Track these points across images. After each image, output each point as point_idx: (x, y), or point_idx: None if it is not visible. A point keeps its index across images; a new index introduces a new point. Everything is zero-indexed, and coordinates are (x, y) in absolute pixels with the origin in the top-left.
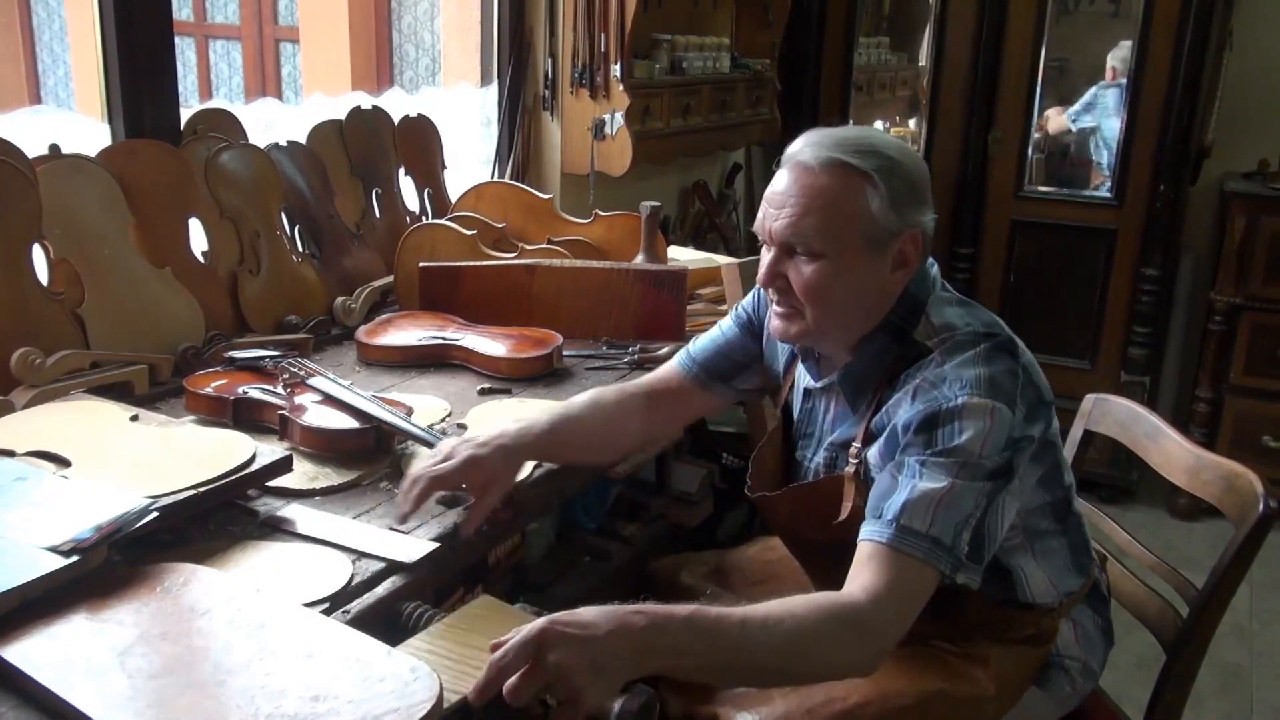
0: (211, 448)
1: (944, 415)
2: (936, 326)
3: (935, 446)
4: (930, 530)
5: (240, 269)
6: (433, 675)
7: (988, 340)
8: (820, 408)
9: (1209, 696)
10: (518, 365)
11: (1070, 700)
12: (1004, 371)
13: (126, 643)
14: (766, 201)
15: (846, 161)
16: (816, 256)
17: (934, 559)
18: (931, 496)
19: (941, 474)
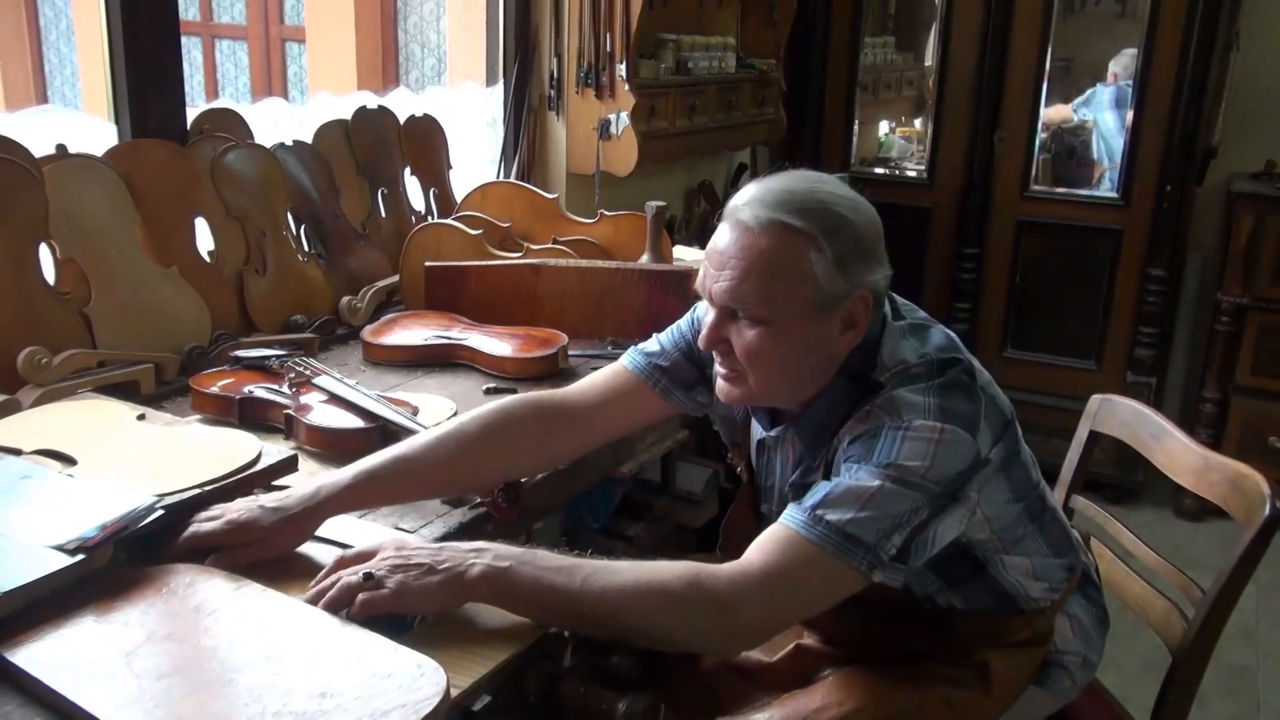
0: (217, 447)
1: (886, 431)
2: (891, 363)
3: (871, 459)
4: (847, 526)
5: (246, 269)
6: (439, 670)
7: (941, 372)
8: (776, 459)
9: (1214, 698)
10: (523, 365)
11: (1070, 694)
12: (960, 398)
13: (134, 644)
14: (707, 259)
15: (787, 223)
16: (758, 321)
17: (844, 554)
18: (857, 493)
19: (875, 479)
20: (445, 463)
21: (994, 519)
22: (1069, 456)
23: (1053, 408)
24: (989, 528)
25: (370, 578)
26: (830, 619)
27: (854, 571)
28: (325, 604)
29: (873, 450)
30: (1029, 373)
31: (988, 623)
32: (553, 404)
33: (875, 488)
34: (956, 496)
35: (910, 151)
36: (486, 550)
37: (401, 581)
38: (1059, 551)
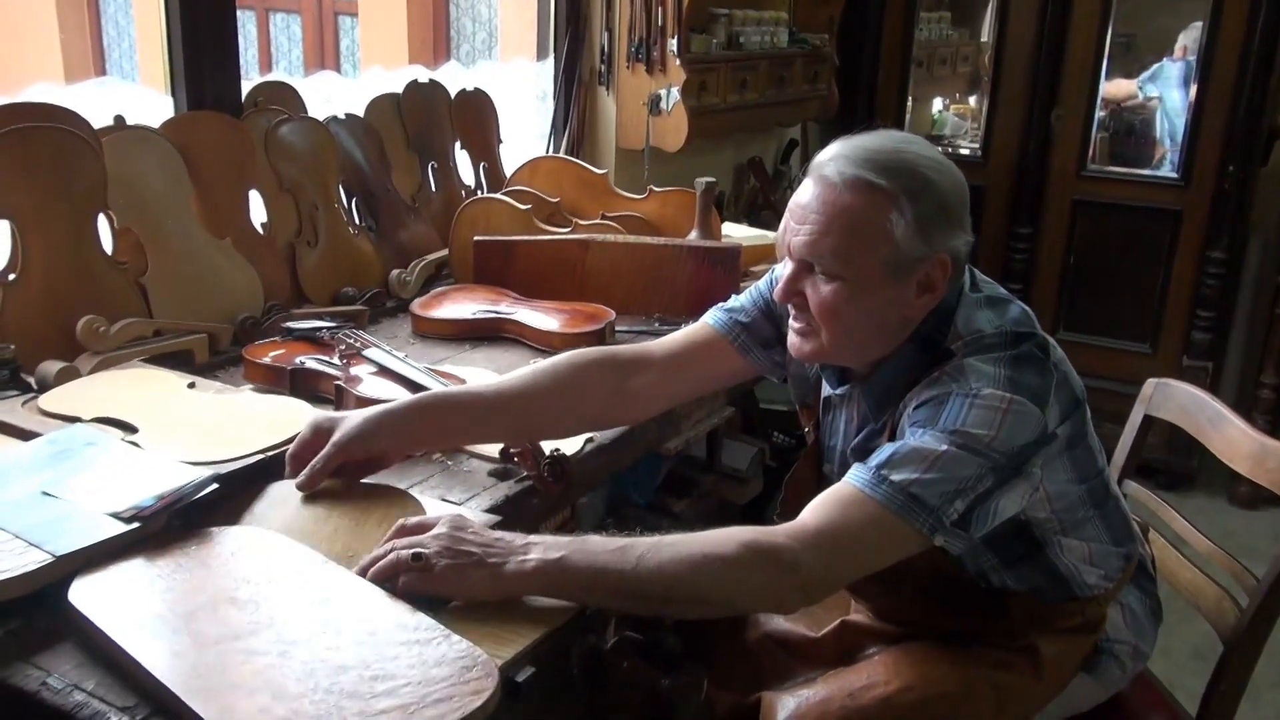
0: (272, 414)
1: (954, 398)
2: (964, 332)
3: (938, 424)
4: (911, 486)
5: (298, 241)
6: (490, 663)
7: (1015, 344)
8: (841, 418)
9: (1266, 689)
10: (570, 340)
11: (1119, 683)
12: (1031, 372)
13: (196, 605)
14: (789, 213)
15: (872, 181)
16: (834, 278)
17: (906, 514)
18: (923, 454)
19: (941, 443)
20: (511, 403)
21: (1055, 498)
22: (1122, 440)
23: (1106, 391)
24: (1050, 507)
25: (419, 559)
26: (880, 593)
27: (915, 532)
28: (373, 574)
29: (939, 415)
30: (1082, 355)
31: (1039, 607)
32: (628, 355)
33: (941, 451)
34: (1020, 470)
35: (964, 129)
36: (537, 544)
37: (449, 567)
38: (1118, 540)
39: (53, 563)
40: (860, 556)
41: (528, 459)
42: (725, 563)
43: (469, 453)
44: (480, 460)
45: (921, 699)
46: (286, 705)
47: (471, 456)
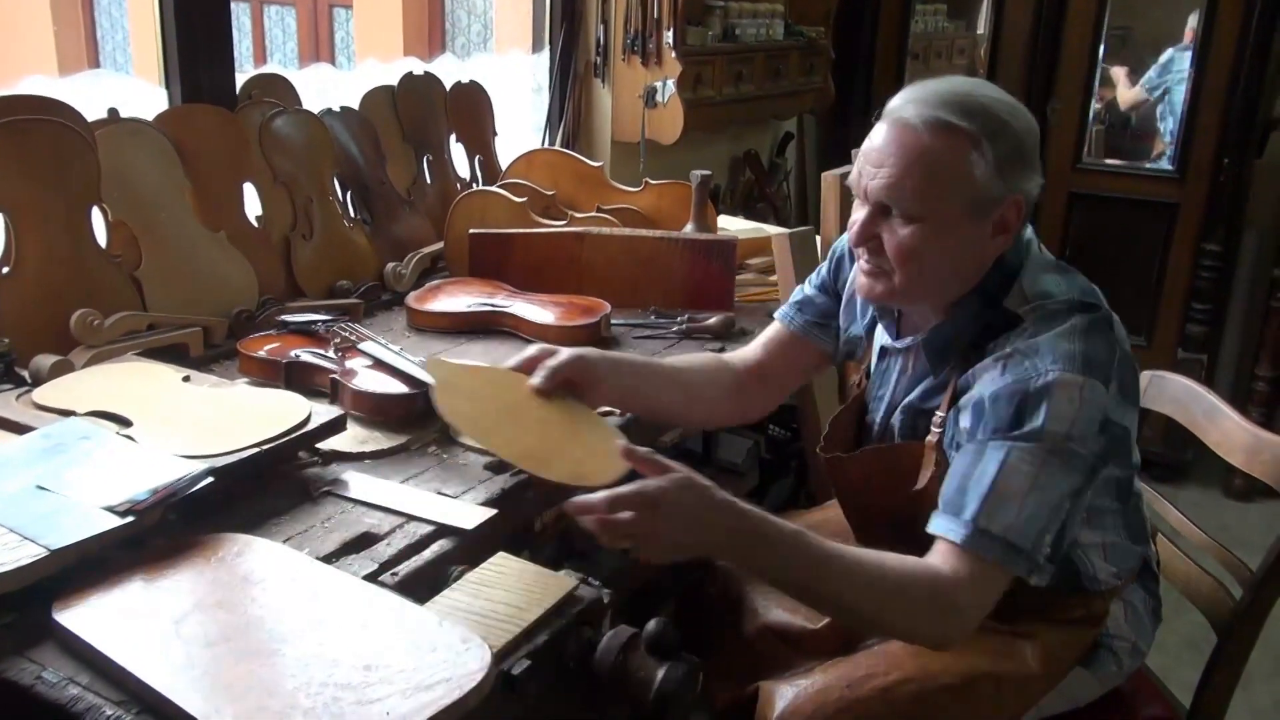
0: (268, 407)
1: (1033, 393)
2: (1030, 295)
3: (1022, 428)
4: (1008, 534)
5: (293, 234)
6: (483, 646)
7: (1084, 312)
8: (894, 369)
9: (1260, 679)
10: (566, 333)
11: (1115, 679)
12: (1101, 346)
13: (183, 611)
14: (863, 157)
15: (952, 122)
16: (913, 219)
17: (1008, 563)
18: (1014, 492)
19: (1028, 463)
20: (679, 379)
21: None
22: None
23: None
24: None
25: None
26: None
27: (1010, 576)
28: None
29: (1019, 419)
30: None
31: (1045, 595)
32: (736, 361)
33: (1029, 484)
34: (1097, 466)
35: None
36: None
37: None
38: (1135, 538)
39: (47, 556)
40: (988, 602)
41: None
42: (902, 602)
43: (464, 446)
44: (476, 454)
45: (920, 690)
46: (281, 701)
47: (467, 450)
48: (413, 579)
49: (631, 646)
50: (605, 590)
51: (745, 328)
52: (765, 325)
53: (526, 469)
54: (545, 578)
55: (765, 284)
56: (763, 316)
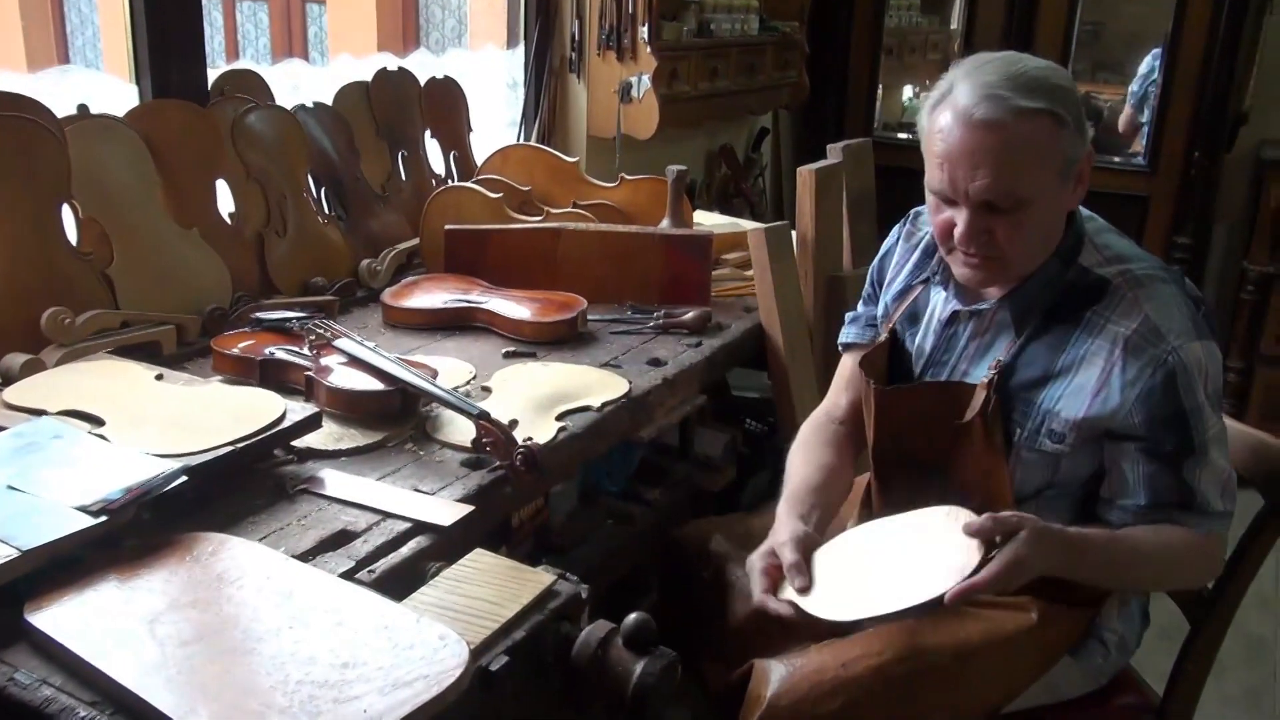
0: (243, 405)
1: (1181, 378)
2: (1106, 255)
3: (1194, 419)
4: (1226, 505)
5: (267, 230)
6: (461, 642)
7: (1168, 275)
8: (964, 334)
9: (1232, 667)
10: (542, 329)
11: (1101, 675)
12: (1192, 308)
13: (157, 610)
14: (950, 162)
15: (1034, 107)
16: (1020, 206)
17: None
18: (1218, 471)
19: (1221, 439)
20: (839, 486)
21: None
22: None
23: None
24: None
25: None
26: None
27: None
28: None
29: (1182, 411)
30: None
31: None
32: (836, 414)
33: (1223, 464)
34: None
35: None
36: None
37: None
38: None
39: (19, 557)
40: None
41: (500, 448)
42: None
43: (440, 442)
44: (452, 450)
45: (914, 670)
46: (258, 700)
47: (444, 446)
48: (390, 576)
49: (610, 641)
50: (583, 585)
51: (722, 322)
52: (742, 320)
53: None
54: (523, 573)
55: (742, 279)
56: (740, 311)
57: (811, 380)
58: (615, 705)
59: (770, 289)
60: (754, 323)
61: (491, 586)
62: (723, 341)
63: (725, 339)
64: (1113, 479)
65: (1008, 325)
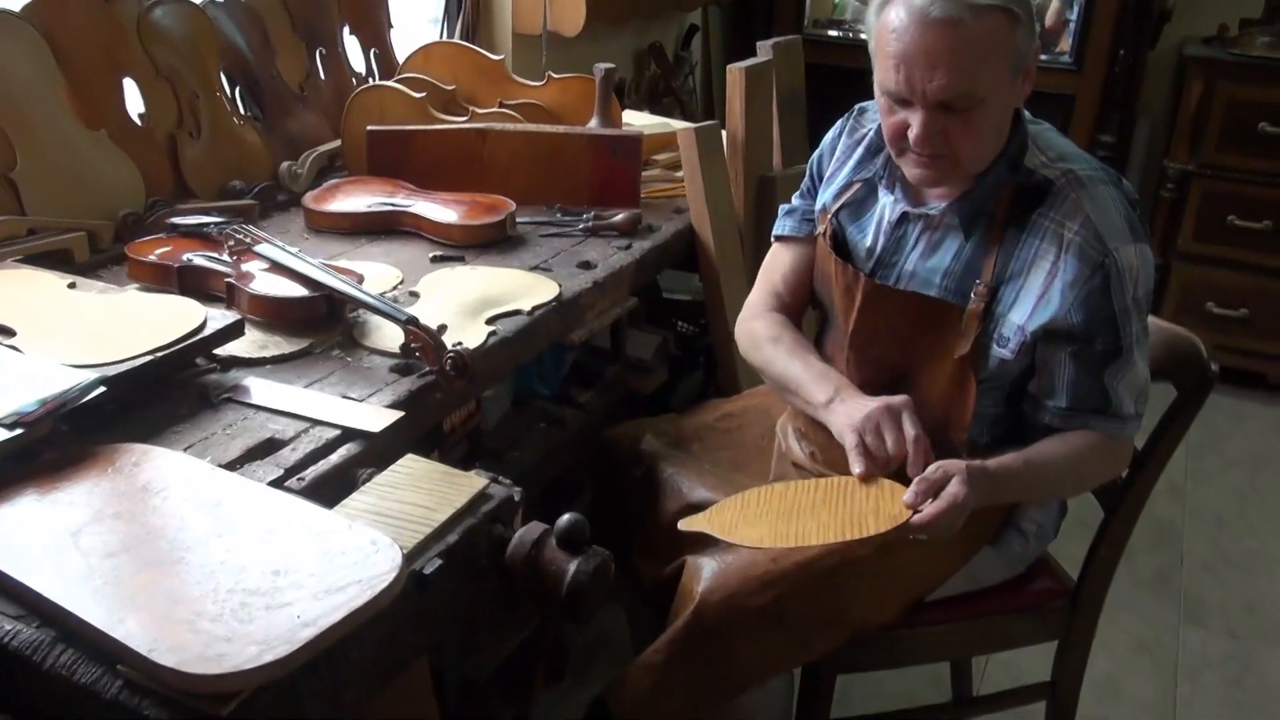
0: (161, 313)
1: (1115, 280)
2: (1049, 155)
3: (1121, 320)
4: (1139, 408)
5: (179, 132)
6: (394, 546)
7: (1107, 176)
8: (913, 235)
9: (1141, 551)
10: (470, 232)
11: (1019, 562)
12: (1131, 211)
13: (79, 523)
14: (906, 62)
15: (990, 4)
16: (975, 104)
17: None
18: (1138, 379)
19: (1143, 341)
20: None
21: None
22: None
23: None
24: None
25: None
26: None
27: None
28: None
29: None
30: None
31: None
32: (787, 304)
33: (1143, 368)
34: None
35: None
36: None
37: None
38: None
39: None
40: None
41: (429, 354)
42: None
43: (368, 348)
44: (382, 356)
45: (841, 563)
46: (188, 609)
47: (372, 353)
48: (320, 484)
49: (543, 542)
50: (516, 488)
51: (652, 224)
52: (672, 222)
53: (853, 538)
54: (455, 478)
55: (672, 180)
56: (670, 213)
57: (742, 282)
58: (550, 605)
59: (701, 190)
60: (684, 224)
61: (424, 491)
62: (653, 243)
63: (656, 241)
64: (1041, 379)
65: (956, 228)
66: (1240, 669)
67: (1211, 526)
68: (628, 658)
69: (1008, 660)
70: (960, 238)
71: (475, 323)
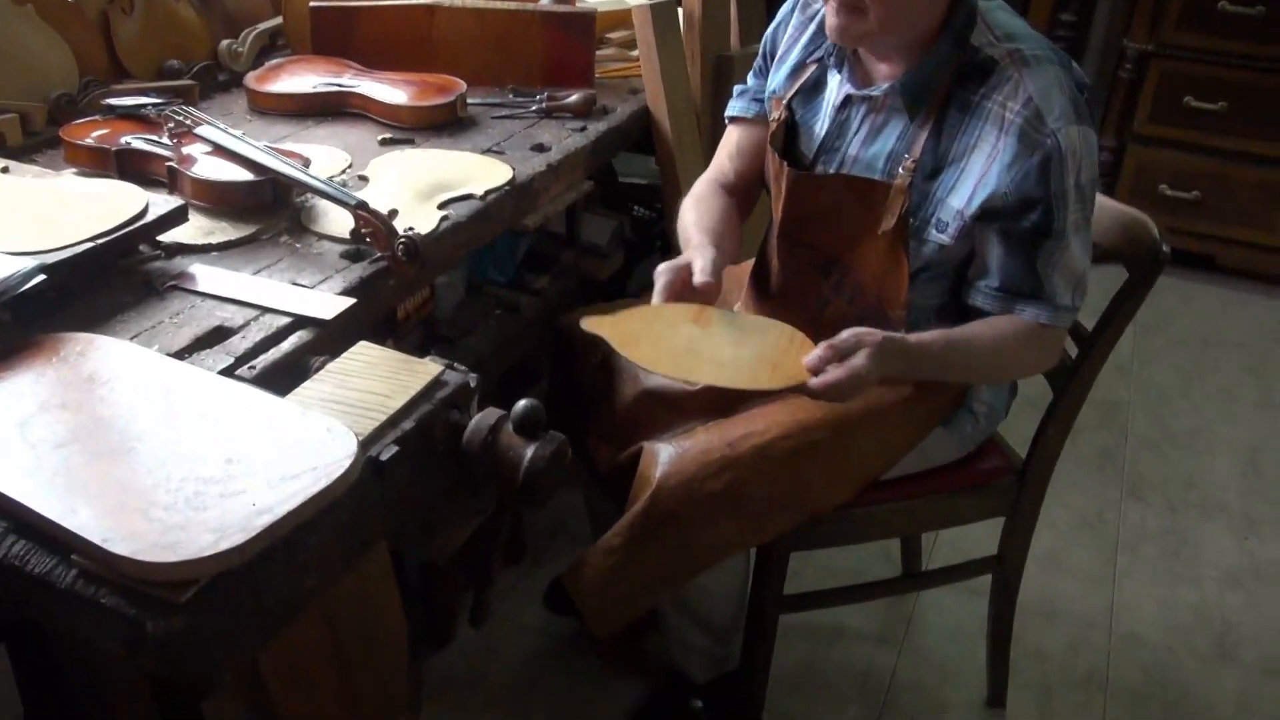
0: (101, 199)
1: (1052, 156)
2: (997, 34)
3: (1061, 198)
4: (1075, 300)
5: (111, 8)
6: (348, 433)
7: (1055, 57)
8: (856, 118)
9: (1086, 430)
10: (420, 114)
11: (970, 442)
12: (1077, 92)
13: (25, 414)
14: None
15: None
16: None
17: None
18: (1084, 264)
19: (1083, 229)
20: (737, 236)
21: None
22: None
23: None
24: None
25: None
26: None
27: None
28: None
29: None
30: None
31: None
32: (733, 183)
33: (1076, 252)
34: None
35: None
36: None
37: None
38: None
39: None
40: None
41: (380, 239)
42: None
43: (317, 234)
44: (331, 242)
45: (796, 446)
46: (141, 498)
47: (321, 238)
48: (271, 372)
49: (500, 427)
50: (472, 374)
51: (607, 105)
52: (629, 103)
53: (741, 387)
54: (410, 364)
55: (627, 59)
56: (625, 93)
57: (699, 164)
58: (507, 489)
59: (656, 69)
60: (640, 105)
61: (378, 379)
62: (608, 125)
63: (611, 122)
64: (976, 260)
65: (900, 110)
66: (1177, 542)
67: (1156, 405)
68: (585, 540)
69: (956, 536)
70: (904, 120)
71: (426, 207)
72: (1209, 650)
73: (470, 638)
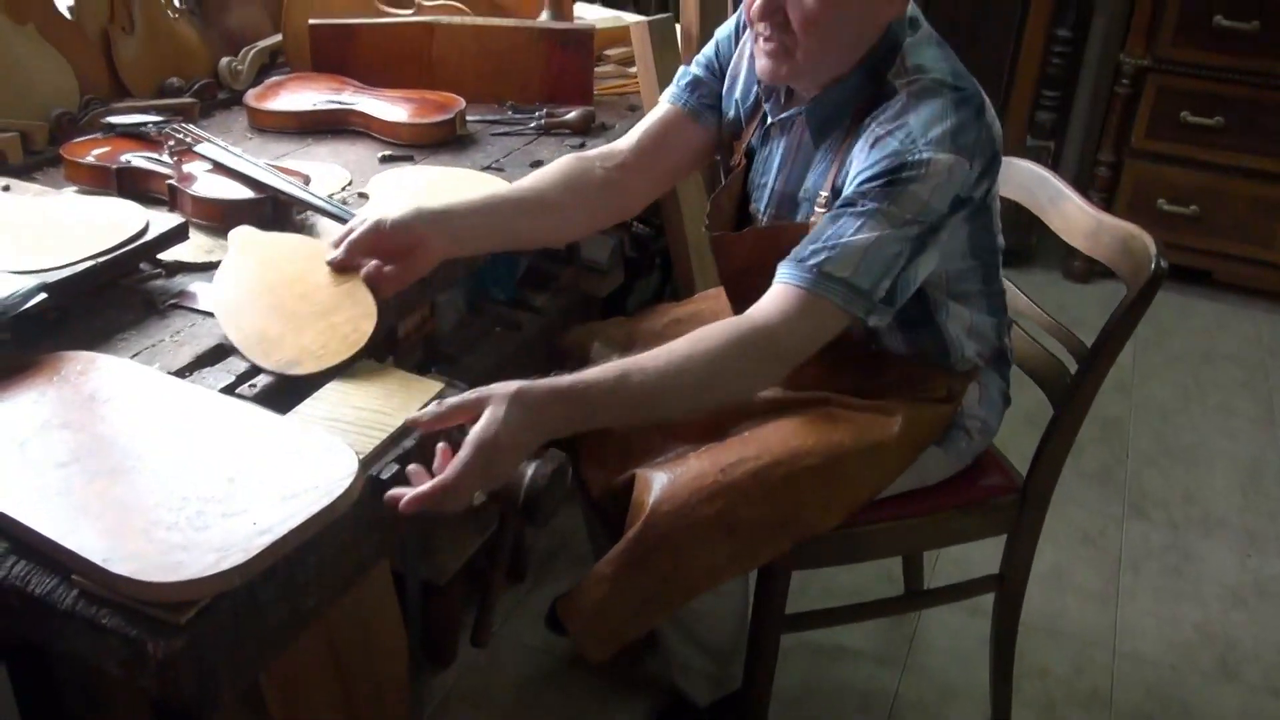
0: (102, 217)
1: (908, 167)
2: (909, 68)
3: (890, 199)
4: (850, 278)
5: (112, 26)
6: (349, 451)
7: (956, 91)
8: (777, 151)
9: (1088, 445)
10: (419, 131)
11: (965, 457)
12: (969, 124)
13: (26, 433)
14: None
15: None
16: None
17: (849, 304)
18: (860, 245)
19: (881, 225)
20: (533, 204)
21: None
22: None
23: None
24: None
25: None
26: None
27: (851, 317)
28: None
29: (888, 191)
30: None
31: (915, 370)
32: (606, 156)
33: (875, 238)
34: (938, 229)
35: None
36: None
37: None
38: (997, 322)
39: None
40: (818, 343)
41: None
42: (733, 375)
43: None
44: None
45: (790, 472)
46: (143, 517)
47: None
48: (272, 390)
49: None
50: None
51: (606, 122)
52: (627, 120)
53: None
54: (411, 382)
55: (625, 76)
56: (624, 110)
57: (698, 180)
58: (509, 507)
59: (654, 86)
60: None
61: (379, 397)
62: (607, 142)
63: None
64: None
65: (810, 139)
66: (1179, 559)
67: (1156, 421)
68: (587, 560)
69: (958, 554)
70: (811, 148)
71: None
72: (1212, 668)
73: (472, 657)
